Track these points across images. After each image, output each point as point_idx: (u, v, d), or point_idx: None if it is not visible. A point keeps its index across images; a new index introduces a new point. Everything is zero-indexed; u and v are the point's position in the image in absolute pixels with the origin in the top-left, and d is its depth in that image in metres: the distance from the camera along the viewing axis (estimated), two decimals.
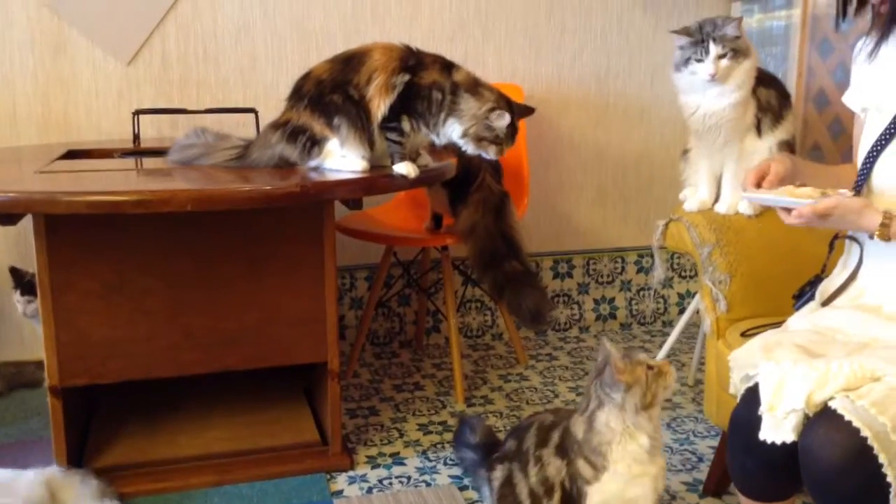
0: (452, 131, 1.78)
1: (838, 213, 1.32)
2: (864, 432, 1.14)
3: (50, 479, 1.72)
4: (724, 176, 1.91)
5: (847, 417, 1.16)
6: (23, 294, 2.22)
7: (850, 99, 1.56)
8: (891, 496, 1.13)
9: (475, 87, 1.79)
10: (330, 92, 1.77)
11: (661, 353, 2.34)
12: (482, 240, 2.29)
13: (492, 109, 1.75)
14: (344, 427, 2.22)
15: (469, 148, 1.79)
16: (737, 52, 1.81)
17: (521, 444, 1.57)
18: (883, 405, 1.16)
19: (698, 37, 1.83)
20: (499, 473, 1.60)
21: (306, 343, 1.96)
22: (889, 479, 1.12)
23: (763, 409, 1.26)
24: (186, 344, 1.87)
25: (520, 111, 1.83)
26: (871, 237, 1.34)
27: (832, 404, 1.19)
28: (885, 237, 1.32)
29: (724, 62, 1.80)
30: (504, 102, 1.78)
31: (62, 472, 1.76)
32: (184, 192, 1.59)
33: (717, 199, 1.93)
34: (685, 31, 1.87)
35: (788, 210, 1.37)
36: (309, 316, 1.94)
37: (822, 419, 1.19)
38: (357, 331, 2.67)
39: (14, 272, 2.25)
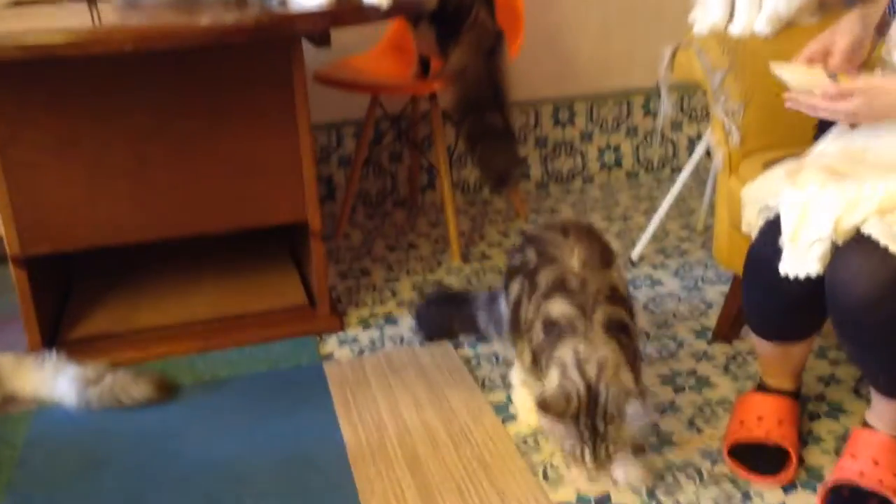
0: None
1: (871, 95, 1.10)
2: None
3: None
4: None
5: (883, 242, 1.01)
6: None
7: None
8: None
9: None
10: None
11: (668, 199, 2.18)
12: (469, 85, 2.08)
13: None
14: (334, 289, 2.11)
15: None
16: None
17: (537, 272, 1.35)
18: None
19: None
20: (516, 287, 1.41)
21: (283, 201, 1.82)
22: None
23: (784, 240, 1.11)
24: (151, 205, 1.73)
25: None
26: None
27: (864, 229, 1.04)
28: None
29: None
30: None
31: (14, 356, 1.68)
32: (122, 31, 1.41)
33: (731, 19, 1.71)
34: None
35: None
36: (283, 171, 1.79)
37: (853, 246, 1.04)
38: (345, 190, 2.52)
39: None
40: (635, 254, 2.21)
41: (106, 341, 1.84)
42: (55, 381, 1.61)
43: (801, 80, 1.21)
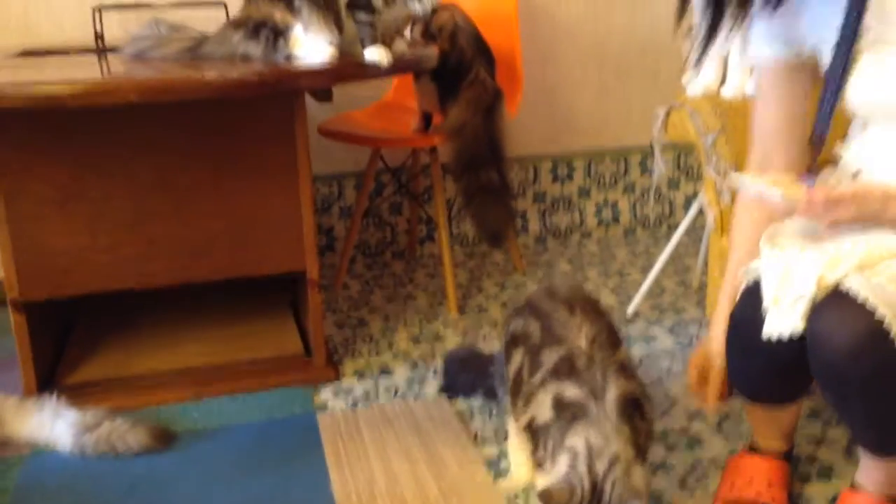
0: None
1: (857, 202, 1.09)
2: (882, 311, 1.01)
3: None
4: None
5: (861, 297, 1.02)
6: None
7: (761, 52, 1.30)
8: None
9: None
10: None
11: (664, 256, 2.21)
12: (468, 141, 2.13)
13: None
14: (331, 339, 2.12)
15: None
16: None
17: (541, 350, 1.36)
18: None
19: None
20: (517, 358, 1.41)
21: (281, 251, 1.84)
22: None
23: (767, 303, 1.12)
24: (151, 253, 1.76)
25: None
26: None
27: (844, 283, 1.05)
28: None
29: None
30: None
31: (14, 399, 1.69)
32: (128, 82, 1.45)
33: (723, 82, 1.75)
34: None
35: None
36: (283, 222, 1.81)
37: (833, 300, 1.06)
38: (345, 241, 2.55)
39: None
40: (631, 309, 2.22)
41: (101, 387, 1.84)
42: (52, 425, 1.61)
43: (773, 186, 1.16)
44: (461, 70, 2.15)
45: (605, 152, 2.84)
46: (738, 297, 1.25)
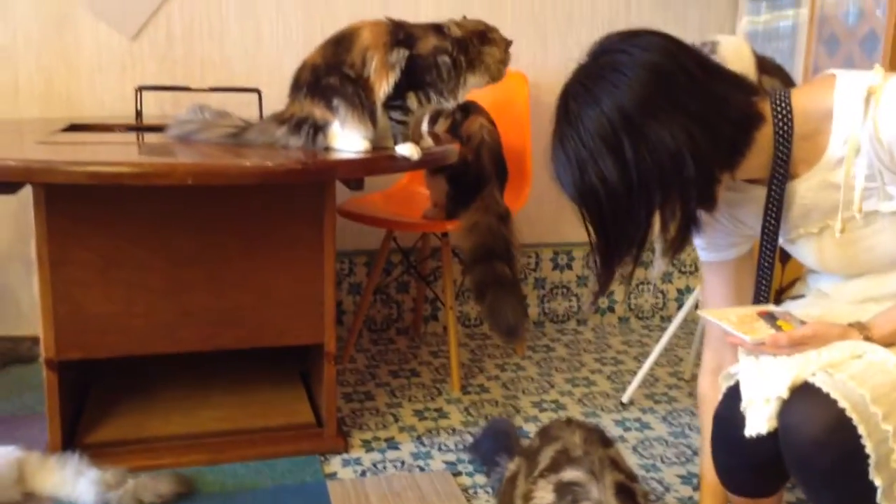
0: (474, 86, 1.82)
1: (817, 341, 1.23)
2: (842, 403, 1.12)
3: (23, 459, 1.72)
4: None
5: (825, 390, 1.14)
6: None
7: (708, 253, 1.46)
8: (870, 468, 1.11)
9: (481, 36, 1.82)
10: (325, 75, 1.76)
11: (658, 347, 2.33)
12: (483, 235, 2.23)
13: (508, 47, 1.81)
14: (339, 410, 2.21)
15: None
16: None
17: (538, 452, 1.47)
18: (862, 378, 1.14)
19: None
20: (513, 466, 1.53)
21: (303, 324, 1.95)
22: (868, 450, 1.10)
23: (744, 405, 1.24)
24: (183, 321, 1.86)
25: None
26: None
27: (811, 380, 1.17)
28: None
29: None
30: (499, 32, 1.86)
31: (38, 455, 1.75)
32: (184, 166, 1.58)
33: None
34: None
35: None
36: (306, 297, 1.93)
37: (800, 395, 1.17)
38: (354, 316, 2.66)
39: None
40: (626, 397, 2.33)
41: (118, 447, 1.91)
42: (75, 482, 1.68)
43: (739, 327, 1.27)
44: (478, 185, 2.27)
45: None
46: (720, 399, 1.37)
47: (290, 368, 2.34)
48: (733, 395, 1.30)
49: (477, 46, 1.81)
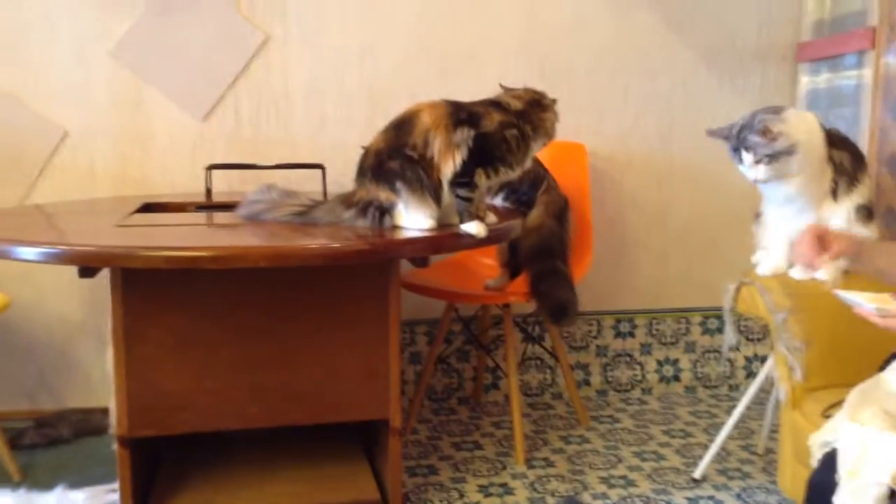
0: (536, 151, 1.91)
1: None
2: None
3: None
4: None
5: None
6: None
7: None
8: None
9: (537, 104, 1.92)
10: (388, 159, 1.80)
11: (731, 421, 2.26)
12: (544, 238, 2.33)
13: (555, 105, 1.93)
14: (403, 485, 2.19)
15: None
16: (774, 154, 1.77)
17: None
18: None
19: (734, 142, 1.83)
20: None
21: (369, 399, 1.96)
22: None
23: (842, 474, 1.21)
24: (253, 398, 1.89)
25: None
26: None
27: None
28: None
29: (763, 167, 1.77)
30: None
31: None
32: (257, 249, 1.62)
33: (792, 264, 1.88)
34: (721, 135, 1.87)
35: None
36: (372, 372, 1.94)
37: None
38: (416, 386, 2.66)
39: None
40: (698, 472, 2.26)
41: None
42: None
43: (871, 300, 1.31)
44: (537, 182, 2.38)
45: (666, 312, 2.95)
46: (816, 464, 1.34)
47: (353, 441, 2.33)
48: (831, 462, 1.27)
49: (537, 114, 1.90)
